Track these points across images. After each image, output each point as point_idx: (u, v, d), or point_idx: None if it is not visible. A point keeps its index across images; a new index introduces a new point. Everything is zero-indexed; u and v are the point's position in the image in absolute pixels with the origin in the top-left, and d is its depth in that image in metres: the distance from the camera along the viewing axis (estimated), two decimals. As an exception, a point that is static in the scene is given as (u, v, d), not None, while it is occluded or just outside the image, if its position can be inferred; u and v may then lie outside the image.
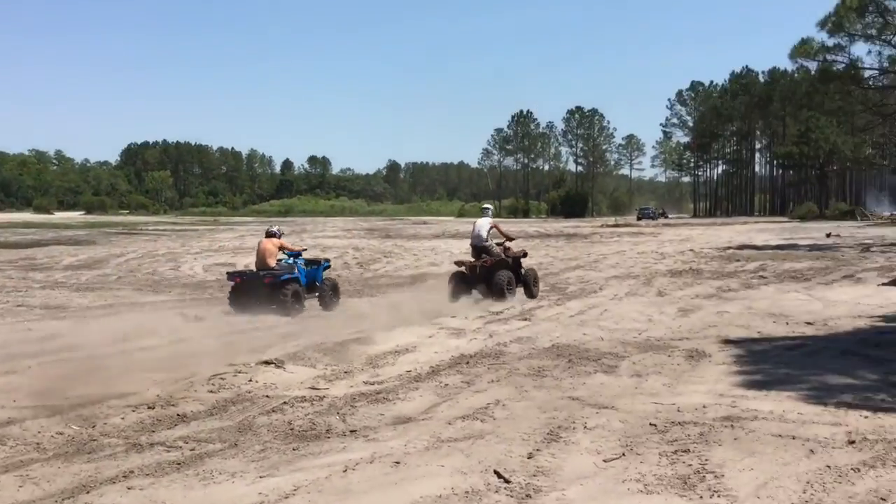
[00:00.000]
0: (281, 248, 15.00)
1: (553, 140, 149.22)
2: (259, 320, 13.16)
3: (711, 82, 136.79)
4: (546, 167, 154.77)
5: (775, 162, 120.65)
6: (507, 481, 5.19)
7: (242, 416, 7.11)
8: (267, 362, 9.25)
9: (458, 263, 16.39)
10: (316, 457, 5.88)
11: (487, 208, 17.37)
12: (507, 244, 16.48)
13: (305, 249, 16.50)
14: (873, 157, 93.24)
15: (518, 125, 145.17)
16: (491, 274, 15.48)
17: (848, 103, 44.57)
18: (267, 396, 7.83)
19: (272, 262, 14.76)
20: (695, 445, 5.84)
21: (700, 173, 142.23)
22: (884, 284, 17.35)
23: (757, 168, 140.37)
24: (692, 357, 9.35)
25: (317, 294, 15.31)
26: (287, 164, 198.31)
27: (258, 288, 14.29)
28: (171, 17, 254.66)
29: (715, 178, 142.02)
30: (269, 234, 15.01)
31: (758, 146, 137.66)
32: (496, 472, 5.36)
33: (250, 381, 8.43)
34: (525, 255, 16.78)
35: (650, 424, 6.46)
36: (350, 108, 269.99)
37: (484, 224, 16.18)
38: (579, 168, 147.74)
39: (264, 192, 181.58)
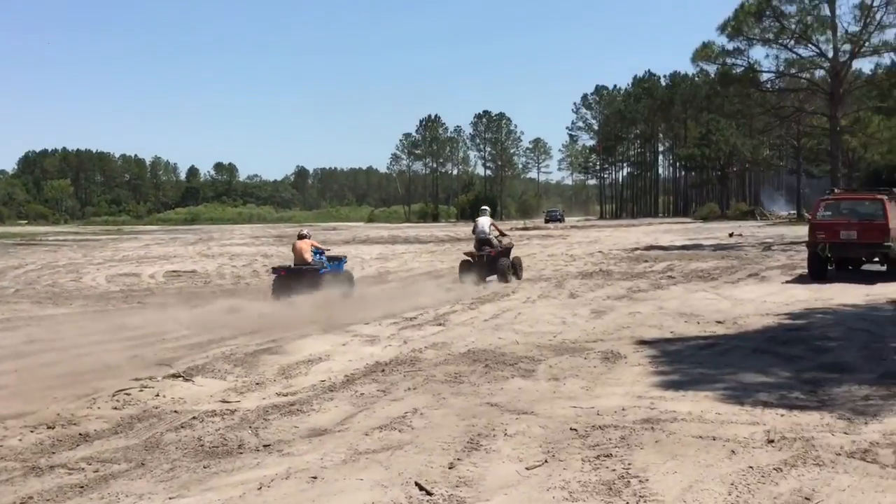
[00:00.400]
0: (312, 247, 17.73)
1: (461, 144, 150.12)
2: (168, 331, 12.71)
3: (615, 86, 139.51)
4: (455, 171, 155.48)
5: (678, 164, 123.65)
6: (429, 493, 5.03)
7: (149, 434, 6.78)
8: (175, 375, 8.90)
9: (467, 254, 20.28)
10: (228, 474, 5.63)
11: (486, 209, 21.06)
12: (501, 238, 20.04)
13: (329, 249, 19.38)
14: (771, 158, 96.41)
15: (426, 130, 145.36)
16: (494, 261, 19.35)
17: (747, 106, 45.81)
18: (175, 412, 7.50)
19: (308, 258, 17.40)
20: (617, 450, 5.78)
21: (606, 176, 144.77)
22: (787, 282, 17.82)
23: (660, 170, 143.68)
24: (608, 359, 9.35)
25: (337, 282, 17.69)
26: (192, 171, 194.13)
27: (299, 279, 16.90)
28: (69, 17, 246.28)
29: (620, 180, 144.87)
30: (302, 237, 17.87)
31: (661, 148, 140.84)
32: (417, 485, 5.19)
33: (157, 395, 8.08)
34: (512, 246, 21.28)
35: (571, 429, 6.38)
36: (257, 113, 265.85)
37: (486, 222, 19.89)
38: (488, 172, 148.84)
39: (169, 200, 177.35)
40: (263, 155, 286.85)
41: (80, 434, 6.83)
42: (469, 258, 19.89)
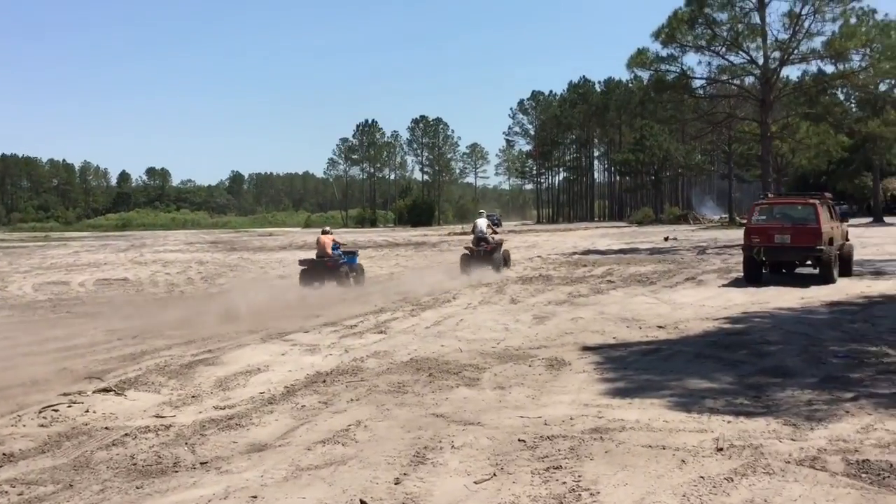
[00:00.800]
0: (333, 242, 20.67)
1: (399, 149, 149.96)
2: (99, 342, 12.28)
3: (551, 92, 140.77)
4: (392, 176, 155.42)
5: (613, 169, 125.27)
6: (375, 512, 4.85)
7: (78, 453, 6.46)
8: (105, 390, 8.56)
9: (467, 248, 24.37)
10: (163, 495, 5.37)
11: (483, 212, 28.78)
12: (493, 236, 24.26)
13: (345, 244, 22.21)
14: (703, 163, 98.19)
15: (363, 135, 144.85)
16: (490, 255, 23.49)
17: (680, 112, 46.37)
18: (106, 428, 7.18)
19: (330, 251, 20.30)
20: (566, 461, 5.67)
21: (542, 180, 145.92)
22: (724, 286, 18.02)
23: (596, 175, 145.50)
24: (553, 366, 9.26)
25: (353, 273, 21.01)
26: (124, 176, 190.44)
27: (322, 270, 19.99)
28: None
29: (556, 184, 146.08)
30: (325, 232, 21.04)
31: (596, 154, 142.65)
32: (362, 502, 5.01)
33: (87, 411, 7.74)
34: (503, 241, 25.65)
35: (519, 440, 6.25)
36: (190, 117, 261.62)
37: (483, 223, 24.55)
38: (425, 177, 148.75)
39: (100, 206, 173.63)
40: (197, 160, 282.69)
41: (3, 454, 6.47)
42: (468, 252, 23.98)
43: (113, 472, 5.96)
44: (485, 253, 23.45)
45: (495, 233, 24.59)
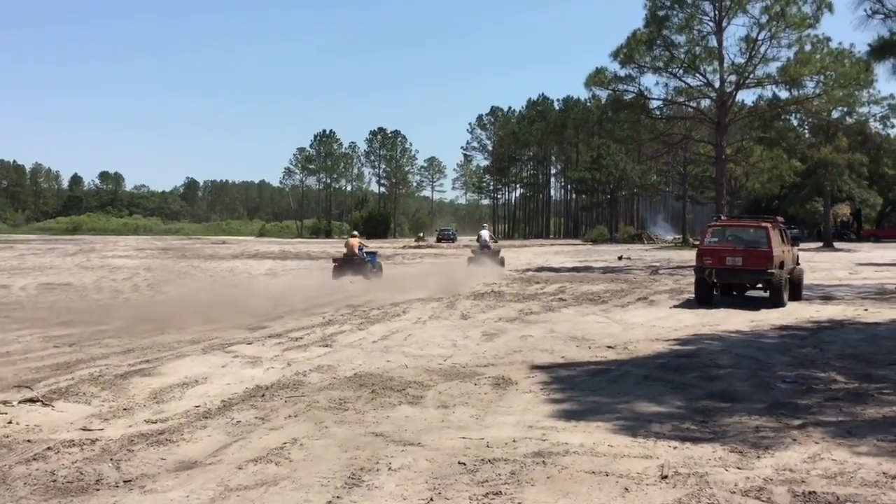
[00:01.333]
0: (360, 244, 25.51)
1: (356, 161, 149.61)
2: (33, 349, 11.83)
3: (510, 108, 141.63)
4: (349, 187, 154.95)
5: (569, 186, 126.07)
6: (303, 538, 4.59)
7: (-5, 467, 6.11)
8: (32, 400, 8.19)
9: (473, 251, 32.33)
10: (80, 515, 5.06)
11: (486, 225, 38.38)
12: (493, 244, 32.66)
13: (368, 246, 27.05)
14: (658, 184, 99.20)
15: (321, 145, 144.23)
16: (495, 254, 31.69)
17: (637, 132, 46.81)
18: (28, 441, 6.82)
19: (357, 252, 24.81)
20: (507, 486, 5.46)
21: (499, 196, 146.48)
22: (675, 306, 18.01)
23: (552, 192, 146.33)
24: (499, 385, 9.06)
25: (374, 269, 25.70)
26: (76, 180, 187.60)
27: (351, 265, 24.57)
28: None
29: (513, 200, 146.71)
30: (353, 235, 26.80)
31: (553, 171, 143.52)
32: (291, 527, 4.76)
33: (10, 423, 7.38)
34: (500, 248, 34.50)
35: (459, 463, 6.03)
36: (146, 121, 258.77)
37: (486, 234, 32.60)
38: (382, 189, 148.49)
39: (50, 209, 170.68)
40: (152, 165, 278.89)
41: (-84, 467, 6.11)
42: (473, 253, 31.93)
43: (30, 488, 5.63)
44: (487, 255, 30.86)
45: (496, 241, 33.41)
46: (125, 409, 7.97)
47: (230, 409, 7.98)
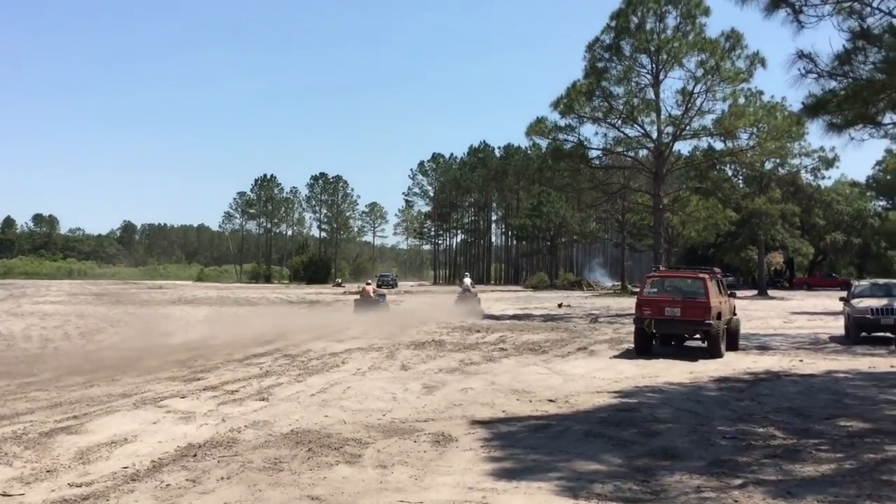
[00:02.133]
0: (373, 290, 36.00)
1: (297, 205, 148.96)
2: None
3: (451, 154, 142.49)
4: (289, 232, 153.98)
5: (510, 233, 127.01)
6: None
7: None
8: (-51, 462, 7.80)
9: (458, 294, 38.47)
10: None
11: (467, 273, 50.40)
12: (472, 289, 38.97)
13: (380, 291, 39.86)
14: (598, 231, 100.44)
15: (262, 189, 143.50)
16: (474, 297, 37.57)
17: (576, 180, 47.34)
18: (-58, 508, 6.49)
19: (372, 294, 34.56)
20: (446, 555, 5.30)
21: (440, 242, 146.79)
22: (615, 356, 18.06)
23: (493, 238, 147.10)
24: (439, 442, 8.89)
25: (385, 305, 35.44)
26: (8, 222, 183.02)
27: (367, 303, 33.54)
28: None
29: (454, 246, 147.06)
30: (368, 284, 36.72)
31: (494, 217, 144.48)
32: None
33: (-77, 488, 7.01)
34: (478, 293, 40.25)
35: (397, 529, 5.85)
36: (83, 163, 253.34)
37: (468, 281, 39.94)
38: (323, 234, 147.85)
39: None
40: (89, 208, 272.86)
41: None
42: (458, 296, 37.90)
43: (-59, 562, 5.32)
44: (470, 297, 37.03)
45: (474, 287, 40.48)
46: (49, 471, 7.63)
47: (160, 470, 7.68)
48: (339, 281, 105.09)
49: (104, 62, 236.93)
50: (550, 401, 11.93)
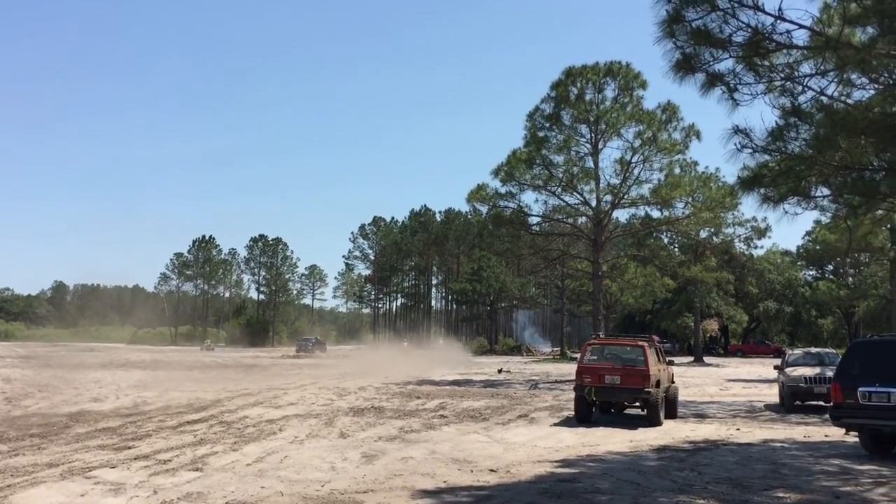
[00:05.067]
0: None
1: (235, 267, 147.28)
2: None
3: (392, 218, 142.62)
4: (227, 294, 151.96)
5: (450, 297, 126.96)
6: None
7: None
8: None
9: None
10: None
11: (441, 335, 80.00)
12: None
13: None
14: (537, 297, 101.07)
15: (199, 250, 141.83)
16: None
17: (517, 246, 47.84)
18: None
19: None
20: None
21: (380, 305, 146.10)
22: (555, 424, 18.00)
23: (434, 302, 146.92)
24: (379, 515, 8.71)
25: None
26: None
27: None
28: None
29: (394, 310, 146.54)
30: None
31: (434, 281, 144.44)
32: None
33: None
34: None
35: None
36: (12, 222, 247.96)
37: (442, 342, 68.45)
38: (261, 296, 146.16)
39: None
40: (18, 267, 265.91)
41: None
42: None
43: None
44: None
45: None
46: (-33, 549, 7.27)
47: (87, 546, 7.36)
48: (209, 341, 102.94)
49: (36, 123, 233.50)
50: (492, 471, 11.79)
